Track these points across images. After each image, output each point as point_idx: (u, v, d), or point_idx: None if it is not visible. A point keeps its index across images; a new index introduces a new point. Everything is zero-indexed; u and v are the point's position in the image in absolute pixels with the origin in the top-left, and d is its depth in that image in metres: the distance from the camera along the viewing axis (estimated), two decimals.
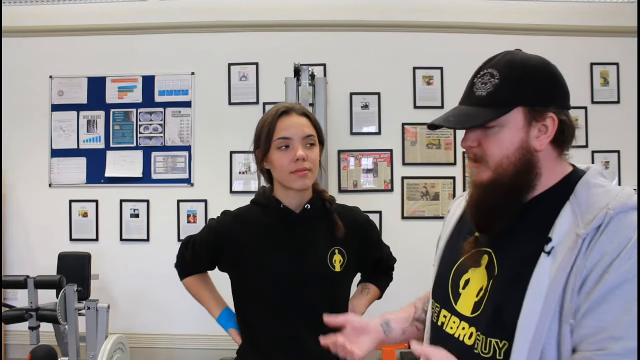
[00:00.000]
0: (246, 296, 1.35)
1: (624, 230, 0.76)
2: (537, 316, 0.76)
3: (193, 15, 3.40)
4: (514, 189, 0.86)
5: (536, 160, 0.86)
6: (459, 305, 0.90)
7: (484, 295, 0.86)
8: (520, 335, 0.77)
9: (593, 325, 0.74)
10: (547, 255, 0.79)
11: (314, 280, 1.28)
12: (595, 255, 0.76)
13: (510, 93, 0.85)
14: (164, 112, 3.45)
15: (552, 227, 0.82)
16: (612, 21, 3.37)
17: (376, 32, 3.40)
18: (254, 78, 3.43)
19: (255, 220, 1.34)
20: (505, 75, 0.86)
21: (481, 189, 0.87)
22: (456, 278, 0.93)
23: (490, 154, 0.86)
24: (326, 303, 1.27)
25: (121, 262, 3.39)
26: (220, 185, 3.39)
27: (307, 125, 1.29)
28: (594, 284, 0.75)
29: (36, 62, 3.49)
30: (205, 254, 1.39)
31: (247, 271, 1.32)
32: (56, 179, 3.47)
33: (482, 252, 0.91)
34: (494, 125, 0.85)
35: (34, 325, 1.95)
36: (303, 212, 1.33)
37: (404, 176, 3.38)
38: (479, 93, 0.86)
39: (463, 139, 0.89)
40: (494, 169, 0.86)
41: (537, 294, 0.77)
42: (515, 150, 0.85)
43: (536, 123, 0.86)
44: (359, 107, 3.42)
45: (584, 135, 3.40)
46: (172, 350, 3.34)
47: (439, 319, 0.94)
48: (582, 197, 0.83)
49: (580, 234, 0.77)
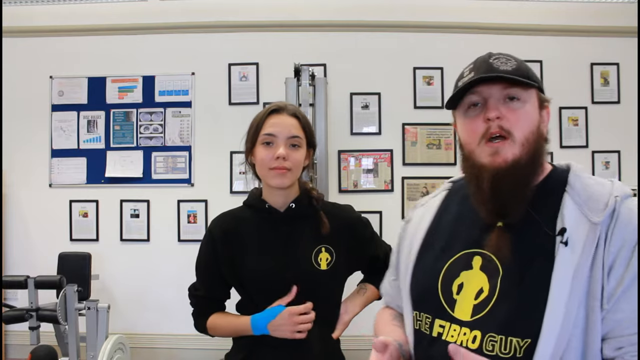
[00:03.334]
0: (240, 297, 1.37)
1: (634, 216, 0.79)
2: (563, 308, 0.75)
3: (193, 15, 3.40)
4: (532, 171, 0.86)
5: (544, 146, 0.88)
6: (456, 312, 0.86)
7: (489, 296, 0.83)
8: (547, 330, 0.75)
9: (628, 308, 0.74)
10: (564, 245, 0.79)
11: (296, 279, 1.27)
12: (617, 241, 0.77)
13: (529, 73, 0.88)
14: (164, 112, 3.45)
15: (556, 218, 0.82)
16: (612, 21, 3.37)
17: (376, 32, 3.40)
18: (254, 78, 3.43)
19: (244, 221, 1.35)
20: (519, 60, 0.89)
21: (504, 169, 0.83)
22: (446, 285, 0.89)
23: (519, 126, 0.84)
24: (312, 302, 1.26)
25: (121, 262, 3.39)
26: (220, 185, 3.39)
27: (295, 125, 1.29)
28: (623, 269, 0.75)
29: (36, 62, 3.49)
30: (211, 266, 1.35)
31: (235, 272, 1.32)
32: (56, 179, 3.47)
33: (472, 254, 0.88)
34: (518, 97, 0.85)
35: (34, 325, 1.95)
36: (287, 210, 1.33)
37: (404, 176, 3.38)
38: (504, 67, 0.86)
39: (489, 110, 0.85)
40: (520, 143, 0.84)
41: (562, 285, 0.76)
42: (536, 128, 0.86)
43: (541, 110, 0.89)
44: (359, 107, 3.42)
45: (584, 135, 3.40)
46: (172, 350, 3.34)
47: (433, 330, 0.88)
48: (578, 189, 0.84)
49: (597, 221, 0.78)
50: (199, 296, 1.38)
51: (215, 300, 1.39)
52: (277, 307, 1.25)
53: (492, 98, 0.86)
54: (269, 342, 1.26)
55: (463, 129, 0.91)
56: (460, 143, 0.94)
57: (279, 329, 1.23)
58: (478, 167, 0.86)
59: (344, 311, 1.36)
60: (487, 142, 0.85)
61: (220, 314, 1.38)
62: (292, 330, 1.23)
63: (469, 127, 0.89)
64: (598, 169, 3.39)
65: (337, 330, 1.34)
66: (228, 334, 1.36)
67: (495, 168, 0.84)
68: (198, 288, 1.39)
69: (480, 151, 0.86)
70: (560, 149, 3.39)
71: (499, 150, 0.84)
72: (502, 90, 0.85)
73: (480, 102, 0.88)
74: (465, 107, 0.90)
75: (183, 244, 3.39)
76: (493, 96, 0.86)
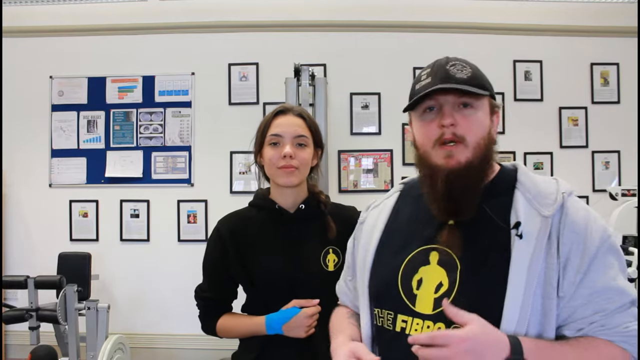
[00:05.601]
0: (247, 297, 1.38)
1: (580, 209, 0.87)
2: (521, 297, 0.81)
3: (193, 15, 3.40)
4: (482, 172, 0.92)
5: (493, 149, 0.94)
6: (417, 306, 0.90)
7: (449, 289, 0.87)
8: (507, 317, 0.81)
9: (585, 293, 0.82)
10: (519, 238, 0.84)
11: (306, 280, 1.29)
12: (569, 233, 0.84)
13: (482, 81, 0.93)
14: (164, 112, 3.45)
15: (509, 213, 0.88)
16: (612, 21, 3.36)
17: (376, 32, 3.40)
18: (254, 78, 3.43)
19: (251, 221, 1.36)
20: (475, 67, 0.94)
21: (457, 171, 0.89)
22: (406, 280, 0.93)
23: (472, 132, 0.90)
24: (320, 302, 1.27)
25: (121, 262, 3.39)
26: (220, 185, 3.39)
27: (301, 125, 1.32)
28: (579, 259, 0.83)
29: (36, 62, 3.49)
30: (220, 266, 1.36)
31: (245, 271, 1.32)
32: (56, 179, 3.47)
33: (428, 250, 0.92)
34: (471, 105, 0.91)
35: (34, 325, 1.95)
36: (297, 211, 1.34)
37: (404, 176, 3.36)
38: (460, 76, 0.90)
39: (444, 116, 0.90)
40: (472, 148, 0.89)
41: (519, 275, 0.82)
42: (486, 134, 0.92)
43: (492, 116, 0.95)
44: (359, 107, 3.42)
45: (584, 135, 3.40)
46: (172, 350, 3.34)
47: (396, 326, 0.91)
48: (528, 185, 0.91)
49: (547, 215, 0.85)
50: (207, 297, 1.39)
51: (223, 301, 1.40)
52: (293, 309, 1.26)
53: (447, 105, 0.91)
54: (279, 341, 1.27)
55: (419, 131, 0.96)
56: (415, 144, 0.99)
57: (294, 330, 1.25)
58: (432, 167, 0.92)
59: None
60: (441, 146, 0.90)
61: (230, 315, 1.39)
62: (306, 330, 1.26)
63: (424, 130, 0.94)
64: (598, 169, 3.39)
65: None
66: (239, 335, 1.37)
67: (449, 169, 0.89)
68: (205, 289, 1.39)
69: (435, 153, 0.92)
70: (560, 149, 3.39)
71: (452, 153, 0.89)
72: (456, 98, 0.91)
73: (435, 106, 0.93)
74: (421, 110, 0.95)
75: (183, 244, 3.39)
76: (448, 103, 0.91)
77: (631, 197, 2.70)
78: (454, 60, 0.93)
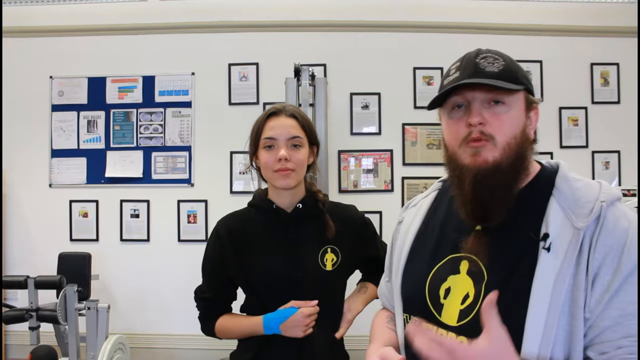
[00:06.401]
0: (246, 297, 1.38)
1: (622, 219, 0.78)
2: (544, 316, 0.75)
3: (193, 15, 3.40)
4: (513, 174, 0.84)
5: (529, 149, 0.86)
6: (443, 316, 0.86)
7: (474, 301, 0.83)
8: (529, 338, 0.75)
9: (615, 314, 0.74)
10: (546, 251, 0.78)
11: (304, 280, 1.28)
12: (602, 247, 0.76)
13: (517, 75, 0.85)
14: (164, 112, 3.45)
15: (541, 222, 0.81)
16: (612, 21, 3.36)
17: (376, 32, 3.40)
18: (254, 78, 3.43)
19: (249, 221, 1.36)
20: (508, 59, 0.86)
21: (484, 171, 0.83)
22: (434, 288, 0.89)
23: (501, 131, 0.83)
24: (319, 301, 1.28)
25: (121, 262, 3.39)
26: (220, 185, 3.39)
27: (294, 126, 1.31)
28: (610, 277, 0.74)
29: (36, 62, 3.49)
30: (219, 266, 1.36)
31: (243, 272, 1.32)
32: (56, 179, 3.47)
33: (460, 258, 0.88)
34: (502, 101, 0.83)
35: (34, 325, 1.95)
36: (295, 211, 1.34)
37: (404, 176, 3.38)
38: (490, 69, 0.84)
39: (471, 114, 0.84)
40: (501, 148, 0.82)
41: (543, 290, 0.76)
42: (519, 133, 0.84)
43: (528, 112, 0.87)
44: (359, 107, 3.42)
45: (584, 135, 3.40)
46: (172, 350, 3.34)
47: None
48: (565, 192, 0.83)
49: (580, 227, 0.77)
50: (207, 298, 1.39)
51: (222, 302, 1.40)
52: (290, 309, 1.26)
53: (475, 102, 0.84)
54: (276, 341, 1.27)
55: (447, 130, 0.90)
56: (444, 143, 0.93)
57: (291, 329, 1.25)
58: (460, 168, 0.86)
59: (347, 309, 1.38)
60: (468, 143, 0.84)
61: (228, 315, 1.39)
62: (304, 330, 1.25)
63: (452, 129, 0.88)
64: (598, 169, 3.39)
65: (342, 328, 1.36)
66: (237, 336, 1.37)
67: (477, 167, 0.83)
68: (205, 290, 1.39)
69: (462, 152, 0.86)
70: (561, 149, 3.39)
71: (479, 150, 0.83)
72: (486, 93, 0.84)
73: (464, 103, 0.86)
74: (449, 107, 0.89)
75: (183, 244, 3.39)
76: (476, 100, 0.84)
77: (631, 197, 2.70)
78: (485, 53, 0.86)
